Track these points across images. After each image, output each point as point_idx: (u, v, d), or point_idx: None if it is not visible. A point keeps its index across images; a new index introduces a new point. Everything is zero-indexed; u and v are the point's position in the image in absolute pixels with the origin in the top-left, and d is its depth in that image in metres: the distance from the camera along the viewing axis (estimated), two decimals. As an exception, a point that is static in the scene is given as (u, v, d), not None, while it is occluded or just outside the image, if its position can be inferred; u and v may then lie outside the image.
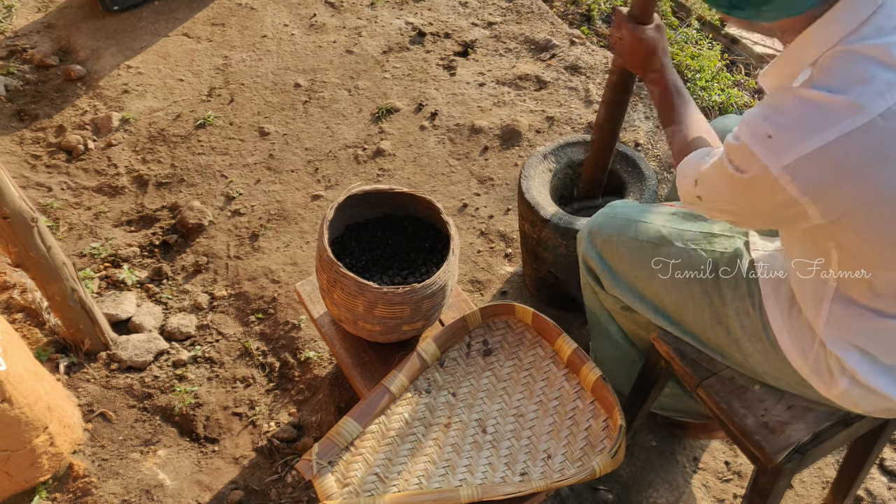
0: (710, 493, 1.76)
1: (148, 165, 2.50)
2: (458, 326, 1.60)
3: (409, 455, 1.44)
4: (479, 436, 1.46)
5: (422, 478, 1.40)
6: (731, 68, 2.96)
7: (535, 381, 1.53)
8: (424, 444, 1.46)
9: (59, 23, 3.04)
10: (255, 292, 2.15)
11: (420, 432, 1.48)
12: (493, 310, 1.62)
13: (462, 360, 1.58)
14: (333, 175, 2.47)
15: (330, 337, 1.68)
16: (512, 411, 1.50)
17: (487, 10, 3.12)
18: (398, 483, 1.40)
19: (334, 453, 1.43)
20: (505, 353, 1.59)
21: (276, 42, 2.95)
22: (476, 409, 1.51)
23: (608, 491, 1.74)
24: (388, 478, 1.40)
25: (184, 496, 1.73)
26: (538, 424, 1.47)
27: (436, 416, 1.50)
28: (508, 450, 1.44)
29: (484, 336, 1.61)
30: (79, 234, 2.30)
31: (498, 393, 1.53)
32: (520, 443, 1.45)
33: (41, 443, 1.62)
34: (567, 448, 1.42)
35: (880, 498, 1.76)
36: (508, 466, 1.41)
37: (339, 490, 1.38)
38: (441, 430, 1.48)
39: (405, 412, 1.50)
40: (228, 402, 1.92)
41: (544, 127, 2.59)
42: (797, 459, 1.30)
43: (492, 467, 1.41)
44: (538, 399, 1.50)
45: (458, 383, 1.55)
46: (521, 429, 1.47)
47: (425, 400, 1.52)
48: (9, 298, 2.06)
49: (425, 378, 1.55)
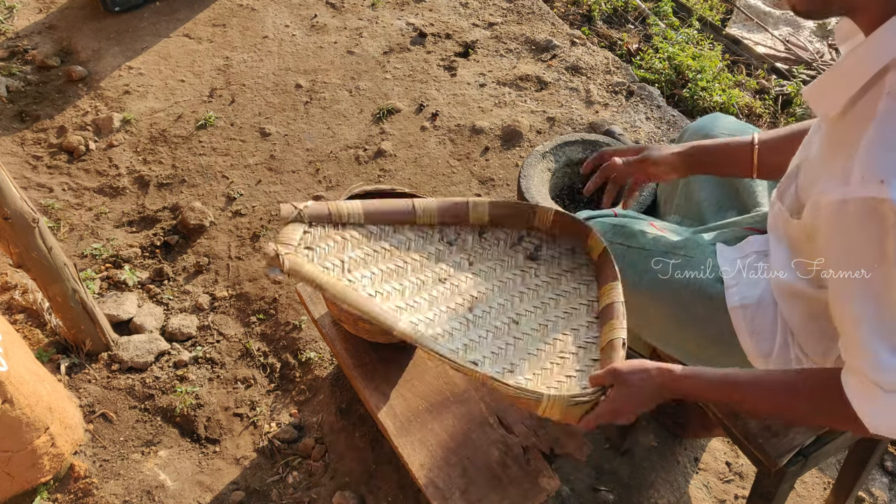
0: (711, 494, 1.76)
1: (149, 166, 2.50)
2: (524, 212, 1.41)
3: (385, 274, 1.30)
4: (463, 309, 1.31)
5: (380, 295, 1.27)
6: (732, 68, 2.96)
7: (556, 306, 1.35)
8: (405, 275, 1.32)
9: (60, 24, 3.04)
10: (255, 293, 2.15)
11: (412, 266, 1.33)
12: (569, 223, 1.41)
13: (502, 246, 1.42)
14: (334, 176, 2.47)
15: (331, 337, 1.68)
16: (511, 312, 1.33)
17: (488, 10, 3.12)
18: (358, 285, 1.27)
19: (322, 217, 1.30)
20: (548, 269, 1.40)
21: (277, 43, 2.95)
22: (481, 288, 1.35)
23: (609, 491, 1.74)
24: (351, 273, 1.28)
25: (185, 497, 1.73)
26: (534, 336, 1.30)
27: (437, 265, 1.36)
28: (489, 337, 1.28)
29: (541, 243, 1.42)
30: (80, 234, 2.30)
31: (512, 292, 1.36)
32: (505, 339, 1.28)
33: (42, 443, 1.62)
34: (561, 370, 1.25)
35: (881, 499, 1.76)
36: (491, 356, 1.25)
37: (299, 247, 1.26)
38: (432, 278, 1.34)
39: (412, 240, 1.35)
40: (229, 402, 1.92)
41: (545, 127, 2.59)
42: (800, 462, 1.30)
43: (467, 346, 1.26)
44: (547, 318, 1.33)
45: (482, 259, 1.39)
46: (513, 329, 1.30)
47: (440, 247, 1.37)
48: (10, 299, 2.06)
49: (457, 231, 1.39)
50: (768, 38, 3.14)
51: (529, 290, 1.38)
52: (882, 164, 0.85)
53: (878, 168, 0.85)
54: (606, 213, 1.51)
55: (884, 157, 0.85)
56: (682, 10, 3.24)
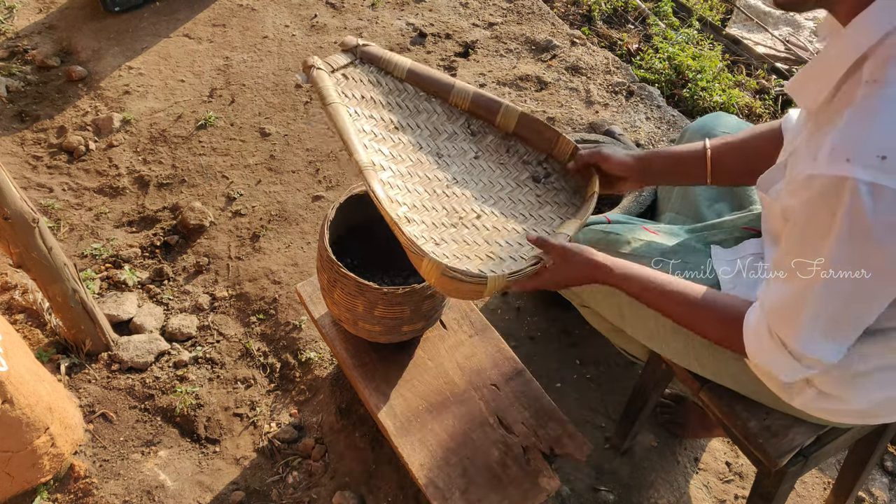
0: (711, 494, 1.76)
1: (149, 166, 2.50)
2: (548, 136, 1.45)
3: (389, 125, 1.37)
4: (440, 185, 1.36)
5: (371, 137, 1.34)
6: (732, 69, 2.96)
7: (523, 221, 1.40)
8: (408, 134, 1.39)
9: (60, 24, 3.04)
10: (255, 293, 2.15)
11: (420, 132, 1.40)
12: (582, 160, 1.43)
13: (515, 158, 1.46)
14: (334, 175, 2.47)
15: (331, 337, 1.68)
16: (479, 207, 1.38)
17: (488, 10, 3.12)
18: (359, 120, 1.34)
19: (373, 58, 1.39)
20: (542, 193, 1.45)
21: (277, 43, 2.95)
22: (468, 177, 1.41)
23: (609, 491, 1.74)
24: (361, 109, 1.35)
25: (185, 497, 1.73)
26: (483, 232, 1.35)
27: (444, 142, 1.42)
28: (441, 214, 1.33)
29: (552, 172, 1.46)
30: (80, 234, 2.30)
31: (494, 194, 1.41)
32: (455, 221, 1.34)
33: (42, 444, 1.62)
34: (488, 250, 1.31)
35: (881, 499, 1.76)
36: (431, 227, 1.31)
37: (336, 71, 1.34)
38: (431, 150, 1.40)
39: (436, 113, 1.42)
40: (229, 402, 1.92)
41: (545, 127, 2.59)
42: (800, 462, 1.30)
43: (415, 208, 1.31)
44: (506, 226, 1.38)
45: (488, 157, 1.44)
46: (470, 218, 1.35)
47: (458, 130, 1.43)
48: (10, 299, 2.06)
49: (484, 127, 1.45)
50: (768, 38, 3.14)
51: (512, 200, 1.41)
52: (851, 145, 0.88)
53: (846, 148, 0.89)
54: (599, 220, 1.51)
55: (854, 139, 0.88)
56: (682, 10, 3.24)
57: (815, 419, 1.25)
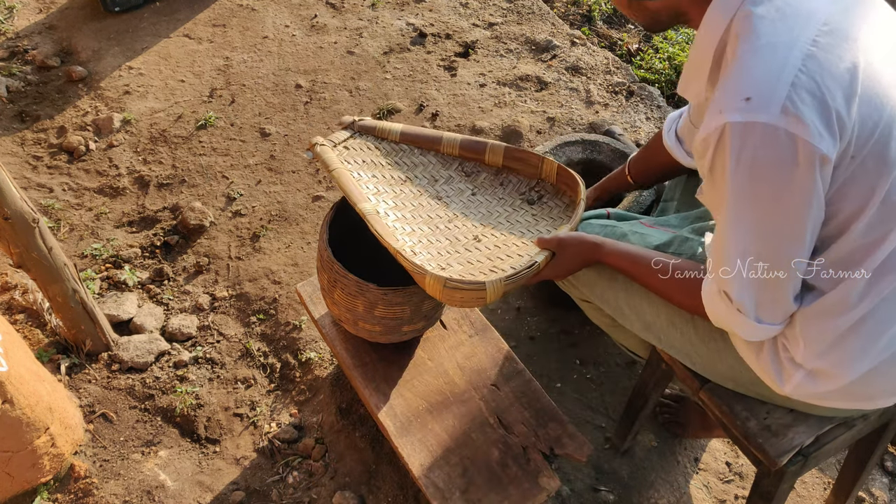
0: (711, 494, 1.76)
1: (149, 166, 2.50)
2: (534, 161, 1.57)
3: (390, 180, 1.51)
4: (441, 221, 1.48)
5: (373, 191, 1.47)
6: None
7: (522, 236, 1.49)
8: (407, 185, 1.53)
9: (60, 24, 3.04)
10: (256, 293, 2.15)
11: (419, 181, 1.55)
12: (567, 175, 1.55)
13: (510, 188, 1.59)
14: (334, 176, 2.47)
15: (331, 337, 1.68)
16: (479, 232, 1.49)
17: (488, 10, 3.12)
18: (362, 181, 1.47)
19: (368, 129, 1.57)
20: (537, 212, 1.56)
21: (277, 43, 2.95)
22: (468, 211, 1.53)
23: (609, 492, 1.74)
24: (363, 170, 1.50)
25: (185, 497, 1.73)
26: (484, 252, 1.44)
27: (442, 186, 1.56)
28: (444, 242, 1.44)
29: (544, 193, 1.59)
30: (80, 234, 2.30)
31: (493, 221, 1.53)
32: (458, 247, 1.44)
33: (42, 444, 1.62)
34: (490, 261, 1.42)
35: (881, 499, 1.76)
36: (436, 255, 1.40)
37: (338, 145, 1.52)
38: (430, 193, 1.54)
39: (431, 163, 1.57)
40: (229, 402, 1.92)
41: (545, 128, 2.59)
42: (800, 462, 1.30)
43: (420, 243, 1.41)
44: (506, 242, 1.47)
45: (485, 192, 1.58)
46: (471, 242, 1.46)
47: (454, 174, 1.58)
48: (10, 299, 2.06)
49: (476, 167, 1.60)
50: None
51: (510, 222, 1.53)
52: (721, 98, 1.02)
53: (718, 102, 1.02)
54: (599, 214, 1.59)
55: (722, 93, 1.02)
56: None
57: (811, 409, 1.26)
